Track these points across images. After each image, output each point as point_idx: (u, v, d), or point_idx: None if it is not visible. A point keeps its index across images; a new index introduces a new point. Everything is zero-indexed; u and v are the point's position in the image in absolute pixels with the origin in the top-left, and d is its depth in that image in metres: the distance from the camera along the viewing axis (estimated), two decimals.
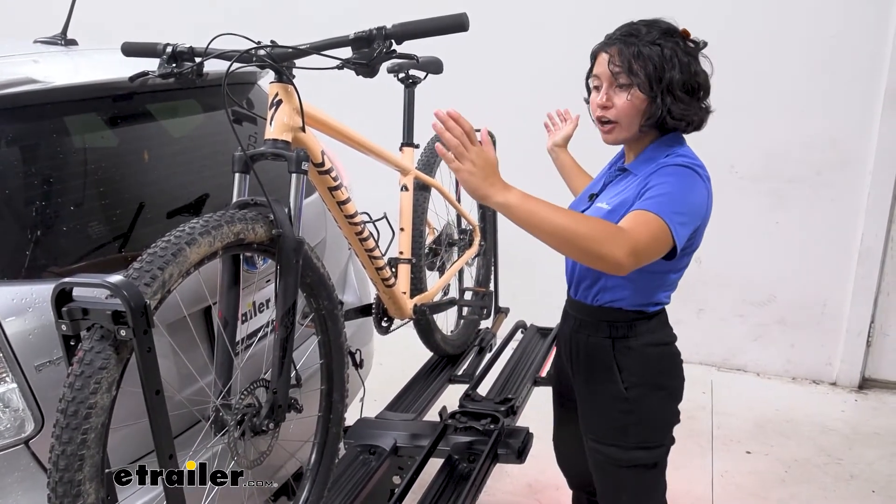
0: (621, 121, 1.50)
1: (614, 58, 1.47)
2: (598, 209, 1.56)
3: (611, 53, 1.48)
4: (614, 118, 1.51)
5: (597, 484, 1.74)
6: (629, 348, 1.61)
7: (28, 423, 1.32)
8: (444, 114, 1.33)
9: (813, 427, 3.23)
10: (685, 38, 1.50)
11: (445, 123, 1.33)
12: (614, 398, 1.62)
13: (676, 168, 1.47)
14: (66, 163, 1.55)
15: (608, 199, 1.57)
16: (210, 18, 3.97)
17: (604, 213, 1.53)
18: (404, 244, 2.20)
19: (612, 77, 1.48)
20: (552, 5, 3.58)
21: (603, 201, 1.58)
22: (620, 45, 1.47)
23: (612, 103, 1.50)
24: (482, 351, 2.71)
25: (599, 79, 1.52)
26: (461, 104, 3.15)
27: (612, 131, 1.53)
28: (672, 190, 1.43)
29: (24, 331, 1.30)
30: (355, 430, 2.08)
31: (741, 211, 3.54)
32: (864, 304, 3.50)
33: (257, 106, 2.03)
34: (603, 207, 1.55)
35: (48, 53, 1.78)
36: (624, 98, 1.48)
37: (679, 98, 1.47)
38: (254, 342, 1.79)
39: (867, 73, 3.24)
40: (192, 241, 1.21)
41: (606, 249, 1.31)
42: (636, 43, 1.46)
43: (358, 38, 1.41)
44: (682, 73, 1.46)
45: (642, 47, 1.45)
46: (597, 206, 1.58)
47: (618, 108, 1.49)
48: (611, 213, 1.52)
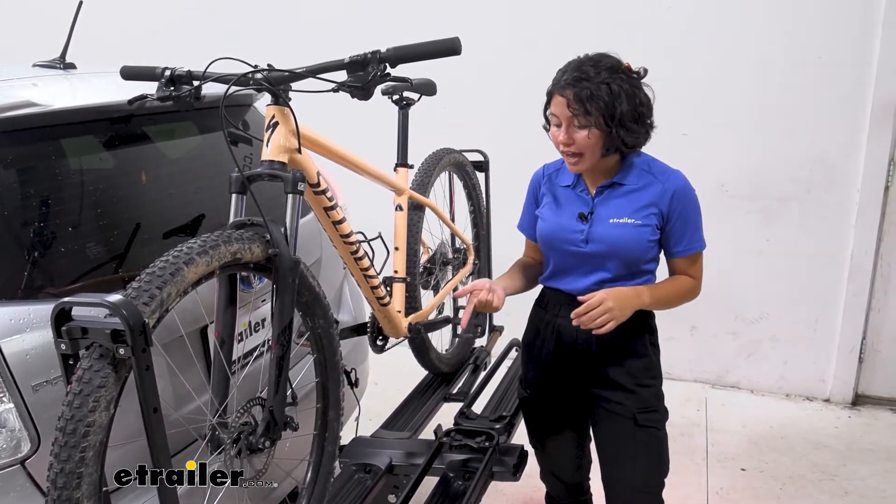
0: (585, 153, 1.67)
1: (571, 102, 1.62)
2: (626, 224, 1.72)
3: (567, 97, 1.62)
4: (579, 151, 1.66)
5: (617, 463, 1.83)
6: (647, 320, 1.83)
7: (24, 443, 1.33)
8: (577, 317, 1.65)
9: (807, 443, 3.24)
10: (628, 71, 1.66)
11: (579, 320, 1.65)
12: (647, 368, 1.81)
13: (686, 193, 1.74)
14: (64, 184, 1.57)
15: (627, 214, 1.72)
16: (210, 30, 4.01)
17: (634, 227, 1.71)
18: (399, 263, 2.22)
19: (570, 118, 1.63)
20: (541, 24, 3.64)
21: (621, 217, 1.72)
22: (575, 90, 1.61)
23: (573, 140, 1.65)
24: (477, 369, 2.71)
25: (558, 118, 1.67)
26: (453, 123, 3.18)
27: (579, 163, 1.69)
28: (696, 218, 1.76)
29: (22, 351, 1.31)
30: (350, 449, 2.08)
31: (732, 229, 3.57)
32: (856, 320, 3.52)
33: (253, 127, 2.06)
34: (628, 222, 1.72)
35: (47, 77, 1.80)
36: (584, 135, 1.64)
37: (629, 128, 1.65)
38: (250, 361, 1.80)
39: (853, 92, 3.29)
40: (190, 261, 1.23)
41: (693, 297, 1.83)
42: (588, 86, 1.60)
43: (353, 61, 1.44)
44: (630, 104, 1.63)
45: (594, 89, 1.60)
46: (622, 222, 1.72)
47: (579, 144, 1.65)
48: (642, 227, 1.71)
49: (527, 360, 1.96)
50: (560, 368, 1.87)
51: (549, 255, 1.86)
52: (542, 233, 1.84)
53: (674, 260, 1.79)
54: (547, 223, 1.82)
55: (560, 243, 1.78)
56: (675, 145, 3.61)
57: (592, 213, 1.75)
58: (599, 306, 1.64)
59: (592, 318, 1.64)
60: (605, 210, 1.74)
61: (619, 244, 1.72)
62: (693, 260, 1.79)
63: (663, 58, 3.40)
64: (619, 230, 1.72)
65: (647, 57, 1.79)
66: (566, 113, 1.63)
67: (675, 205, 1.72)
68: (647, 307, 1.75)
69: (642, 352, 1.81)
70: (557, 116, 1.66)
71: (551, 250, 1.83)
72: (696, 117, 3.49)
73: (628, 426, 1.78)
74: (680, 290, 1.79)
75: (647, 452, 1.80)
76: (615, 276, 1.76)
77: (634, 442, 1.79)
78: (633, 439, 1.79)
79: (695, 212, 1.75)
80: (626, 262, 1.74)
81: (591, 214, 1.75)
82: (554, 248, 1.81)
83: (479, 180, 2.84)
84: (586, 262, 1.77)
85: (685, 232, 1.75)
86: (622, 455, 1.81)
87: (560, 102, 1.64)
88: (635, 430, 1.78)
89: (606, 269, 1.76)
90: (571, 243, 1.76)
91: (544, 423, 1.98)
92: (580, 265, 1.79)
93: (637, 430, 1.78)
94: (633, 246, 1.72)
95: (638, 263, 1.75)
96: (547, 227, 1.82)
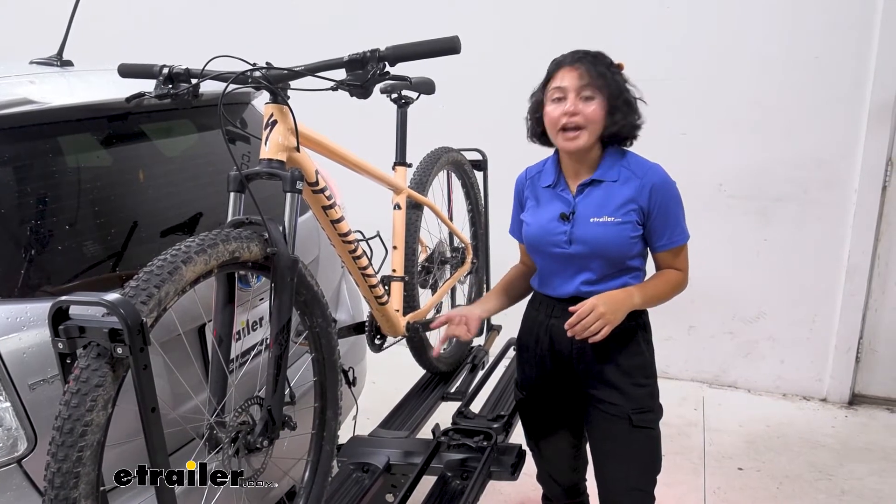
0: (588, 126, 1.67)
1: (583, 74, 1.66)
2: (606, 223, 1.72)
3: (579, 69, 1.67)
4: (582, 124, 1.67)
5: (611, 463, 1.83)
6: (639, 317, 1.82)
7: (21, 441, 1.32)
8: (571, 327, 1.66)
9: (804, 443, 3.24)
10: (620, 69, 1.75)
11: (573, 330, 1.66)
12: (642, 367, 1.81)
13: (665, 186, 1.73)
14: (62, 182, 1.56)
15: (607, 212, 1.72)
16: (209, 28, 4.00)
17: (614, 225, 1.71)
18: (397, 262, 2.22)
19: (579, 89, 1.66)
20: (540, 23, 3.64)
21: (601, 216, 1.72)
22: (587, 64, 1.67)
23: (579, 111, 1.66)
24: (475, 368, 2.71)
25: (564, 90, 1.68)
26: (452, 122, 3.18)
27: (578, 137, 1.68)
28: (677, 211, 1.75)
29: (19, 349, 1.31)
30: (348, 448, 2.08)
31: (729, 229, 3.57)
32: (853, 320, 3.52)
33: (251, 125, 2.05)
34: (609, 221, 1.72)
35: (44, 74, 1.79)
36: (591, 107, 1.67)
37: (625, 112, 1.71)
38: (248, 360, 1.79)
39: (851, 92, 3.29)
40: (188, 260, 1.22)
41: (682, 289, 1.82)
42: (598, 64, 1.68)
43: (352, 60, 1.44)
44: (627, 94, 1.72)
45: (603, 69, 1.68)
46: (602, 221, 1.72)
47: (585, 114, 1.66)
48: (622, 224, 1.71)
49: (521, 361, 1.96)
50: (554, 370, 1.86)
51: (536, 259, 1.86)
52: (527, 237, 1.84)
53: (658, 254, 1.80)
54: (531, 227, 1.82)
55: (545, 246, 1.78)
56: (674, 145, 3.63)
57: (574, 213, 1.75)
58: (591, 313, 1.64)
59: (586, 327, 1.64)
60: (585, 209, 1.74)
61: (601, 243, 1.71)
62: (676, 253, 1.79)
63: (662, 58, 3.41)
64: (600, 229, 1.71)
65: (647, 57, 1.80)
66: (577, 83, 1.66)
67: (655, 199, 1.72)
68: (639, 307, 1.74)
69: (636, 350, 1.80)
70: (564, 89, 1.67)
71: (537, 253, 1.83)
72: (695, 117, 3.50)
73: (623, 427, 1.78)
74: (668, 284, 1.79)
75: (642, 452, 1.81)
76: (600, 276, 1.75)
77: (629, 443, 1.79)
78: (627, 440, 1.79)
79: (675, 205, 1.75)
80: (610, 261, 1.74)
81: (572, 214, 1.75)
82: (540, 250, 1.81)
83: (477, 179, 2.84)
84: (571, 263, 1.77)
85: (666, 226, 1.75)
86: (616, 455, 1.81)
87: (571, 73, 1.67)
88: (630, 430, 1.78)
89: (591, 269, 1.75)
90: (555, 245, 1.76)
91: (541, 424, 1.98)
92: (565, 267, 1.78)
93: (632, 430, 1.78)
94: (615, 244, 1.71)
95: (623, 261, 1.74)
96: (531, 230, 1.82)
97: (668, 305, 1.80)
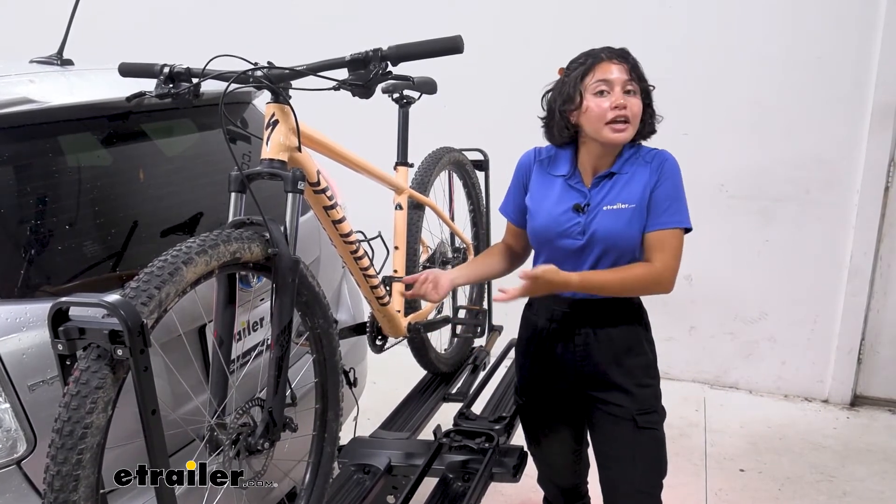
0: (633, 120, 1.68)
1: (627, 68, 1.68)
2: (620, 210, 1.70)
3: (624, 64, 1.68)
4: (629, 117, 1.67)
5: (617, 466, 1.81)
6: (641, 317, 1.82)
7: (20, 443, 1.32)
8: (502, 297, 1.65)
9: (805, 444, 3.23)
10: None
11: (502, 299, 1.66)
12: (646, 367, 1.80)
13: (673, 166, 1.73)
14: (62, 182, 1.55)
15: (621, 199, 1.71)
16: (210, 28, 3.99)
17: (628, 210, 1.69)
18: (398, 262, 2.21)
19: (624, 83, 1.67)
20: (541, 23, 3.63)
21: (615, 203, 1.71)
22: (630, 60, 1.70)
23: (627, 104, 1.67)
24: (476, 369, 2.71)
25: (610, 84, 1.67)
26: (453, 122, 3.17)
27: (626, 130, 1.68)
28: (679, 193, 1.71)
29: (18, 350, 1.30)
30: (349, 450, 2.07)
31: (731, 229, 3.57)
32: (855, 321, 3.52)
33: (252, 125, 2.05)
34: (623, 208, 1.70)
35: (44, 73, 1.78)
36: (635, 101, 1.68)
37: (652, 112, 1.75)
38: (249, 361, 1.79)
39: (853, 92, 3.28)
40: (188, 261, 1.21)
41: (653, 289, 1.70)
42: (633, 61, 1.71)
43: (354, 59, 1.43)
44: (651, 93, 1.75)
45: (637, 66, 1.71)
46: (616, 208, 1.70)
47: (632, 109, 1.67)
48: (635, 209, 1.69)
49: (520, 366, 1.94)
50: (555, 374, 1.84)
51: (541, 251, 1.81)
52: (535, 227, 1.79)
53: (645, 235, 1.70)
54: (541, 217, 1.77)
55: (555, 237, 1.74)
56: (676, 145, 3.61)
57: (589, 205, 1.72)
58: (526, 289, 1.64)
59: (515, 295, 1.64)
60: (600, 201, 1.71)
61: (614, 232, 1.68)
62: (663, 240, 1.68)
63: (662, 58, 3.40)
64: (613, 217, 1.69)
65: (647, 57, 1.79)
66: (623, 77, 1.66)
67: (662, 173, 1.71)
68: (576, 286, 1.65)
69: (640, 350, 1.79)
70: (610, 82, 1.67)
71: (544, 244, 1.78)
72: (697, 117, 3.49)
73: (628, 429, 1.76)
74: (626, 274, 1.67)
75: (648, 454, 1.79)
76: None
77: (635, 444, 1.77)
78: (633, 441, 1.77)
79: (679, 184, 1.72)
80: (619, 253, 1.70)
81: (587, 206, 1.72)
82: (548, 241, 1.76)
83: (478, 179, 2.83)
84: (577, 258, 1.73)
85: (668, 200, 1.69)
86: (622, 457, 1.79)
87: (616, 67, 1.68)
88: (635, 432, 1.76)
89: (600, 265, 1.72)
90: (567, 236, 1.72)
91: (541, 428, 1.97)
92: (570, 263, 1.73)
93: (637, 432, 1.76)
94: (627, 232, 1.68)
95: (632, 251, 1.71)
96: (541, 221, 1.77)
97: (669, 306, 1.78)
